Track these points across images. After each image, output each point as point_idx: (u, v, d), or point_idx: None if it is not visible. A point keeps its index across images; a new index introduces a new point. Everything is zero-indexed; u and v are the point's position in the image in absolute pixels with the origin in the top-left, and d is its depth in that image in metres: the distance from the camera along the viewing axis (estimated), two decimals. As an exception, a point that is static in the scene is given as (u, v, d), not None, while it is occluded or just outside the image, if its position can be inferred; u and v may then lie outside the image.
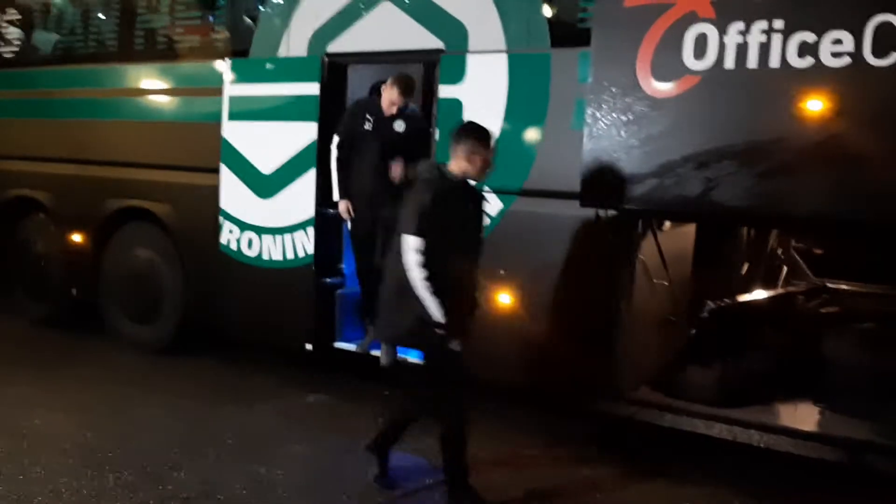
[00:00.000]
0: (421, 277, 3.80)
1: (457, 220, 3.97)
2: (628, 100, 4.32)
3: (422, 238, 3.81)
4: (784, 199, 4.04)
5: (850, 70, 3.76)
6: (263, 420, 5.21)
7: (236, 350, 6.48)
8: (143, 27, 6.66)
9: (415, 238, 3.82)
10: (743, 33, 4.01)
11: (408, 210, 3.93)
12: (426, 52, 5.21)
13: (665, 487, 4.39)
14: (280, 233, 5.80)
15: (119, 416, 5.10)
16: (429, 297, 3.80)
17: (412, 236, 3.83)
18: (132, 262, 6.67)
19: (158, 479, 4.19)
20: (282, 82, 5.79)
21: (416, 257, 3.81)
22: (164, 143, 6.34)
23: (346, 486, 4.23)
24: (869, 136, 3.79)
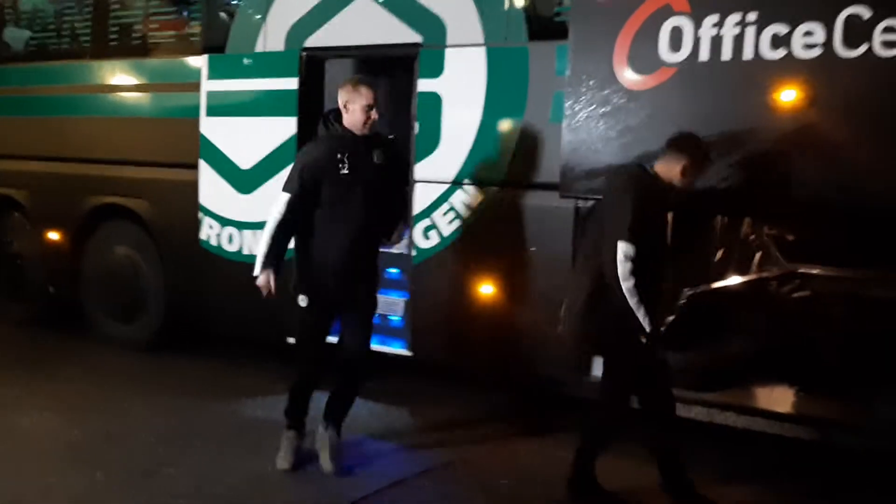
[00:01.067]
0: (631, 285, 3.66)
1: (659, 225, 3.94)
2: (606, 92, 4.41)
3: (635, 245, 3.67)
4: (757, 187, 4.16)
5: (821, 61, 3.88)
6: (251, 414, 5.25)
7: (221, 346, 6.49)
8: (118, 23, 6.61)
9: (629, 245, 3.66)
10: (717, 26, 4.11)
11: (615, 214, 3.75)
12: (404, 46, 5.24)
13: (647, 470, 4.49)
14: (261, 227, 5.77)
15: (107, 415, 5.11)
16: (638, 306, 3.67)
17: (626, 243, 3.66)
18: (112, 260, 6.65)
19: (149, 477, 4.21)
20: (259, 77, 5.80)
21: (629, 266, 3.65)
22: (141, 140, 6.33)
23: (335, 477, 4.29)
24: (839, 126, 3.91)
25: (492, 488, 4.23)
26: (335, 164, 4.15)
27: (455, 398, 5.57)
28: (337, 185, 4.15)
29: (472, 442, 4.83)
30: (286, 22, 5.65)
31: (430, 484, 4.27)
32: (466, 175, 5.03)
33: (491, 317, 4.97)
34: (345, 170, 4.14)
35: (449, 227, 5.11)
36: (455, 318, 5.12)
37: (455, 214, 5.08)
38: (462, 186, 5.04)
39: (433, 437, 4.89)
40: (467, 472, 4.41)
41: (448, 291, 5.14)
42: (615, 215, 3.75)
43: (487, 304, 4.99)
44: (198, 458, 4.49)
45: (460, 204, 5.06)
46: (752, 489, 4.31)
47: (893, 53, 3.70)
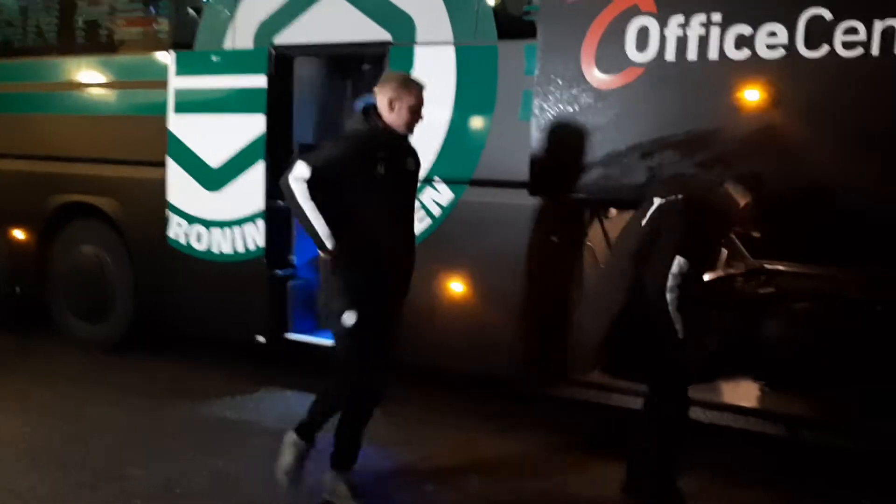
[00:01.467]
0: (675, 297, 3.63)
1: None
2: (574, 91, 4.45)
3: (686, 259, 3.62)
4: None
5: (784, 61, 3.94)
6: (220, 414, 5.22)
7: (189, 345, 6.44)
8: (83, 19, 6.53)
9: (684, 261, 3.61)
10: (683, 26, 4.16)
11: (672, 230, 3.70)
12: (374, 44, 5.24)
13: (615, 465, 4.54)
14: (229, 225, 5.79)
15: (75, 416, 5.06)
16: (676, 314, 3.64)
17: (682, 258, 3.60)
18: (79, 259, 6.58)
19: (118, 478, 4.19)
20: (228, 74, 5.76)
21: (678, 281, 3.61)
22: (108, 138, 6.25)
23: (306, 476, 4.27)
24: (802, 124, 3.97)
25: (461, 486, 4.24)
26: (373, 163, 3.77)
27: (423, 398, 5.58)
28: (373, 184, 3.78)
29: (441, 440, 4.85)
30: (255, 19, 5.62)
31: (398, 483, 4.28)
32: (437, 173, 5.03)
33: (460, 314, 4.99)
34: (382, 170, 3.79)
35: (419, 225, 5.09)
36: (424, 317, 5.12)
37: (425, 213, 5.08)
38: (432, 184, 5.05)
39: (402, 436, 4.90)
40: (436, 471, 4.42)
41: (418, 290, 5.12)
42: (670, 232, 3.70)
43: (457, 303, 5.00)
44: (165, 458, 4.46)
45: (430, 202, 5.07)
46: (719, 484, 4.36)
47: (854, 54, 3.77)
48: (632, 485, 4.03)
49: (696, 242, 3.70)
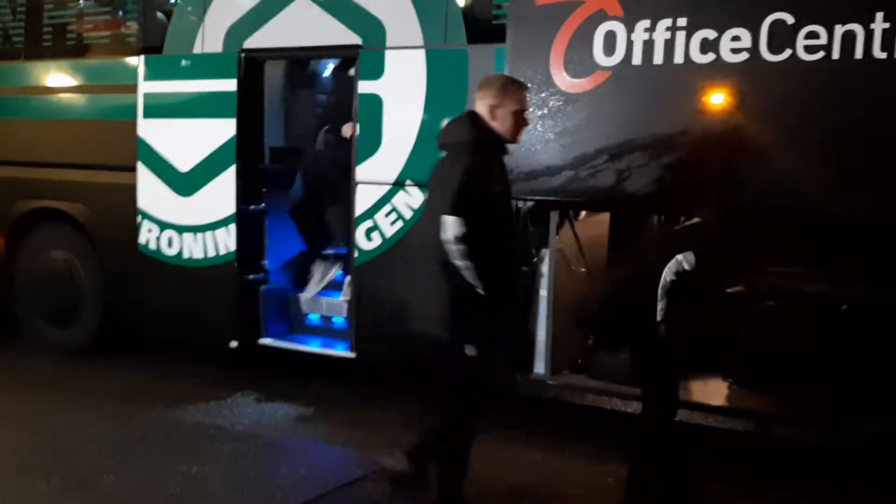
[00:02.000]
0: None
1: None
2: (543, 95, 4.49)
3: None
4: (689, 187, 4.27)
5: (748, 65, 4.01)
6: (191, 419, 5.19)
7: (159, 350, 6.41)
8: (52, 23, 6.47)
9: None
10: (649, 30, 4.21)
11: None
12: (344, 47, 5.25)
13: (588, 465, 4.59)
14: (201, 230, 5.77)
15: (44, 422, 5.00)
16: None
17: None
18: (48, 265, 6.51)
19: (89, 484, 4.15)
20: (198, 79, 5.74)
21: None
22: (77, 142, 6.21)
23: (279, 480, 4.28)
24: (766, 127, 4.04)
25: (435, 487, 4.25)
26: (491, 175, 3.65)
27: (399, 399, 5.59)
28: (491, 200, 3.62)
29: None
30: (224, 23, 5.61)
31: (373, 485, 4.27)
32: (408, 176, 5.05)
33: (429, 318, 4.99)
34: (497, 184, 3.67)
35: (391, 228, 5.14)
36: (398, 319, 5.13)
37: (397, 216, 5.10)
38: (404, 187, 5.07)
39: (376, 439, 4.89)
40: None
41: (391, 293, 5.15)
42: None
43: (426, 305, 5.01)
44: (137, 464, 4.43)
45: (402, 205, 5.09)
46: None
47: (815, 58, 3.84)
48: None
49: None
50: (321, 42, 5.32)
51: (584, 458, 4.67)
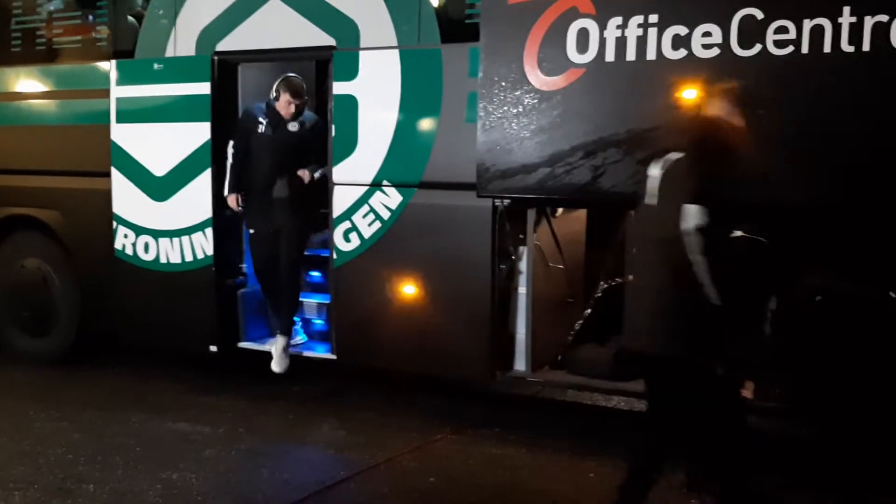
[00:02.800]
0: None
1: None
2: (517, 93, 4.50)
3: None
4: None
5: (719, 60, 4.04)
6: (171, 426, 5.15)
7: (137, 357, 6.36)
8: (21, 27, 6.39)
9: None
10: (621, 27, 4.23)
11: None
12: (318, 49, 5.23)
13: (569, 461, 4.61)
14: (177, 235, 5.73)
15: (21, 432, 4.96)
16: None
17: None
18: (21, 273, 6.45)
19: (68, 494, 4.12)
20: (170, 83, 5.70)
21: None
22: (50, 148, 6.15)
23: (261, 485, 4.27)
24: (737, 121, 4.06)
25: (419, 488, 4.26)
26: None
27: (379, 400, 5.59)
28: None
29: (397, 442, 4.86)
30: (196, 26, 5.57)
31: (356, 487, 4.28)
32: (385, 177, 5.05)
33: (412, 317, 5.01)
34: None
35: (369, 229, 5.13)
36: (377, 320, 5.14)
37: (375, 216, 5.10)
38: (381, 188, 5.06)
39: (358, 440, 4.91)
40: (394, 473, 4.44)
41: (370, 293, 5.15)
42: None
43: (409, 305, 5.02)
44: (115, 472, 4.40)
45: (379, 205, 5.08)
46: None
47: (785, 52, 3.88)
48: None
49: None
50: (295, 44, 5.31)
51: (565, 454, 4.69)
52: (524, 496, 4.22)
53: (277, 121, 5.37)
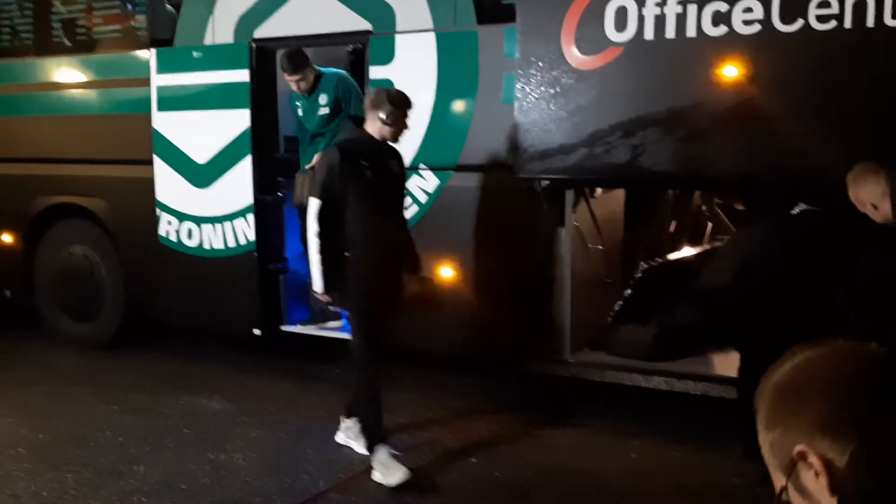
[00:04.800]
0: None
1: None
2: (555, 73, 4.48)
3: None
4: (706, 161, 4.27)
5: (760, 36, 3.98)
6: (217, 407, 5.26)
7: (180, 341, 6.48)
8: (61, 18, 6.50)
9: None
10: (660, 5, 4.19)
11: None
12: (354, 34, 5.25)
13: (611, 442, 4.62)
14: (220, 221, 5.82)
15: (71, 416, 5.09)
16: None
17: None
18: (68, 260, 6.59)
19: (119, 475, 4.22)
20: (210, 70, 5.76)
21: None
22: (93, 137, 6.25)
23: (308, 465, 4.34)
24: (779, 99, 4.02)
25: (461, 468, 4.30)
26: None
27: (419, 382, 5.63)
28: None
29: (438, 423, 4.91)
30: (234, 13, 5.62)
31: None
32: (422, 160, 5.07)
33: (450, 300, 5.03)
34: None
35: (407, 213, 5.15)
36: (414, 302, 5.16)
37: (412, 200, 5.12)
38: (418, 171, 5.08)
39: (399, 421, 4.95)
40: (435, 454, 4.48)
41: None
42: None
43: (447, 288, 5.05)
44: (165, 454, 4.50)
45: (417, 189, 5.10)
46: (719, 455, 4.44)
47: (828, 27, 3.82)
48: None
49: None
50: (331, 29, 5.33)
51: (606, 435, 4.70)
52: (566, 476, 4.24)
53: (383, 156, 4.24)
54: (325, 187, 4.12)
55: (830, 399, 1.12)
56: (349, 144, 4.31)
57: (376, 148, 4.21)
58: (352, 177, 4.10)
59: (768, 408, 1.19)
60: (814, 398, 1.13)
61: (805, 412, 1.13)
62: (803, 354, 1.20)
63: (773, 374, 1.20)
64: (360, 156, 4.15)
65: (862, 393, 1.12)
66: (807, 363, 1.19)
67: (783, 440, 1.15)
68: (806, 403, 1.14)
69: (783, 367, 1.20)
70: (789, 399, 1.16)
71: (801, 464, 1.11)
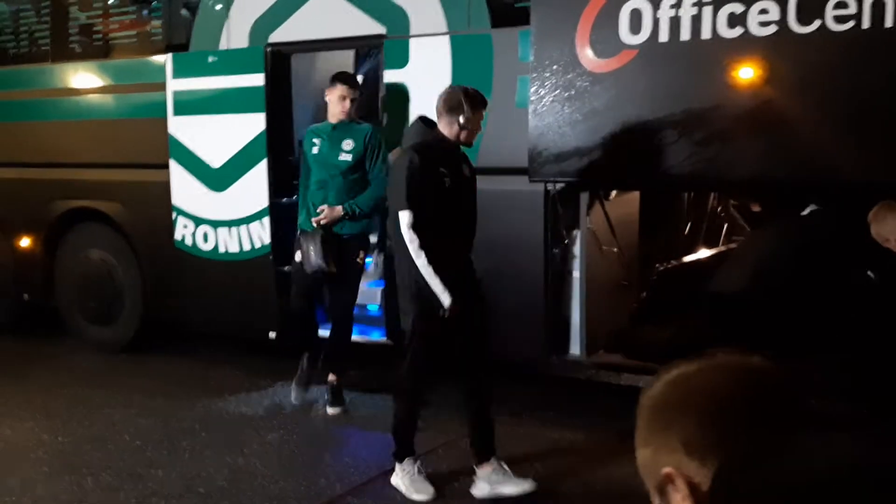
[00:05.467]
0: None
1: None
2: (570, 76, 4.47)
3: None
4: (721, 163, 4.25)
5: (776, 38, 3.96)
6: (234, 411, 5.28)
7: (198, 344, 6.51)
8: (77, 24, 6.55)
9: None
10: (675, 7, 4.18)
11: None
12: (369, 37, 5.27)
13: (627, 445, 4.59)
14: (235, 225, 5.84)
15: (90, 419, 5.13)
16: None
17: None
18: (86, 264, 6.64)
19: (138, 478, 4.25)
20: (225, 75, 5.78)
21: None
22: (110, 142, 6.30)
23: (325, 469, 4.36)
24: (795, 100, 4.00)
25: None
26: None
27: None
28: None
29: (454, 426, 4.89)
30: (249, 18, 5.65)
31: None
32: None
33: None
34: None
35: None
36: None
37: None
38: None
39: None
40: (452, 456, 4.49)
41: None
42: None
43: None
44: (184, 457, 4.53)
45: (431, 192, 5.10)
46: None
47: (845, 28, 3.79)
48: None
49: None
50: (346, 33, 5.34)
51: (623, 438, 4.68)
52: (583, 479, 4.24)
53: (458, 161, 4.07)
54: (413, 195, 3.78)
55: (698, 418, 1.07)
56: (426, 149, 3.92)
57: (451, 152, 3.96)
58: (431, 184, 3.82)
59: (641, 425, 1.14)
60: (683, 417, 1.09)
61: (674, 432, 1.08)
62: (678, 370, 1.15)
63: (648, 390, 1.15)
64: (439, 161, 3.86)
65: (729, 412, 1.06)
66: (680, 379, 1.14)
67: (653, 460, 1.11)
68: (675, 423, 1.09)
69: (659, 382, 1.15)
70: (660, 417, 1.12)
71: (670, 485, 1.07)
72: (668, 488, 1.06)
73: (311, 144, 5.06)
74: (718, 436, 1.05)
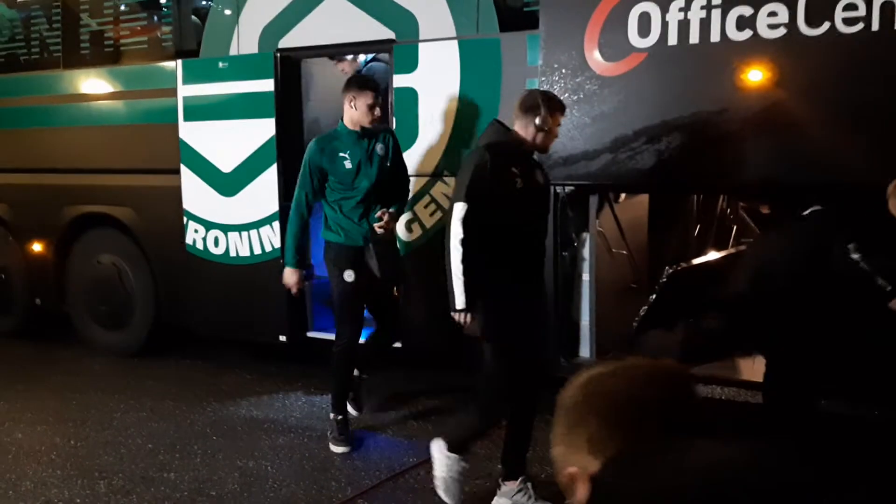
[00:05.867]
0: None
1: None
2: (578, 79, 4.48)
3: None
4: (730, 165, 4.25)
5: (785, 41, 3.96)
6: (245, 415, 5.31)
7: (209, 348, 6.54)
8: (89, 30, 6.60)
9: None
10: (684, 10, 4.18)
11: None
12: (378, 42, 5.29)
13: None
14: (246, 229, 5.87)
15: (102, 423, 5.16)
16: None
17: None
18: (98, 269, 6.68)
19: (150, 482, 4.28)
20: (235, 80, 5.82)
21: None
22: (121, 147, 6.34)
23: (335, 472, 4.38)
24: (804, 103, 4.00)
25: (488, 474, 4.30)
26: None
27: (445, 387, 5.65)
28: None
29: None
30: (259, 23, 5.68)
31: (426, 473, 4.32)
32: (446, 167, 5.09)
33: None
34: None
35: (431, 219, 5.18)
36: (440, 308, 5.17)
37: (436, 206, 5.15)
38: (442, 178, 5.11)
39: (426, 427, 4.98)
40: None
41: (432, 283, 5.19)
42: None
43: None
44: (194, 460, 4.56)
45: (441, 196, 5.13)
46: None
47: (854, 30, 3.79)
48: None
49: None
50: (355, 38, 5.37)
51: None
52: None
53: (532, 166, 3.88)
54: (474, 189, 3.61)
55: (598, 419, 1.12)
56: (499, 147, 3.75)
57: (526, 155, 3.81)
58: (501, 183, 3.65)
59: (555, 425, 1.19)
60: (589, 419, 1.13)
61: (580, 431, 1.13)
62: (590, 372, 1.19)
63: (564, 391, 1.20)
64: (511, 161, 3.70)
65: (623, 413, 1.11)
66: (589, 381, 1.18)
67: (563, 458, 1.15)
68: (581, 423, 1.14)
69: (573, 383, 1.20)
70: (570, 418, 1.17)
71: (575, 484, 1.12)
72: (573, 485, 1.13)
73: (340, 160, 4.59)
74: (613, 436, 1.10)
